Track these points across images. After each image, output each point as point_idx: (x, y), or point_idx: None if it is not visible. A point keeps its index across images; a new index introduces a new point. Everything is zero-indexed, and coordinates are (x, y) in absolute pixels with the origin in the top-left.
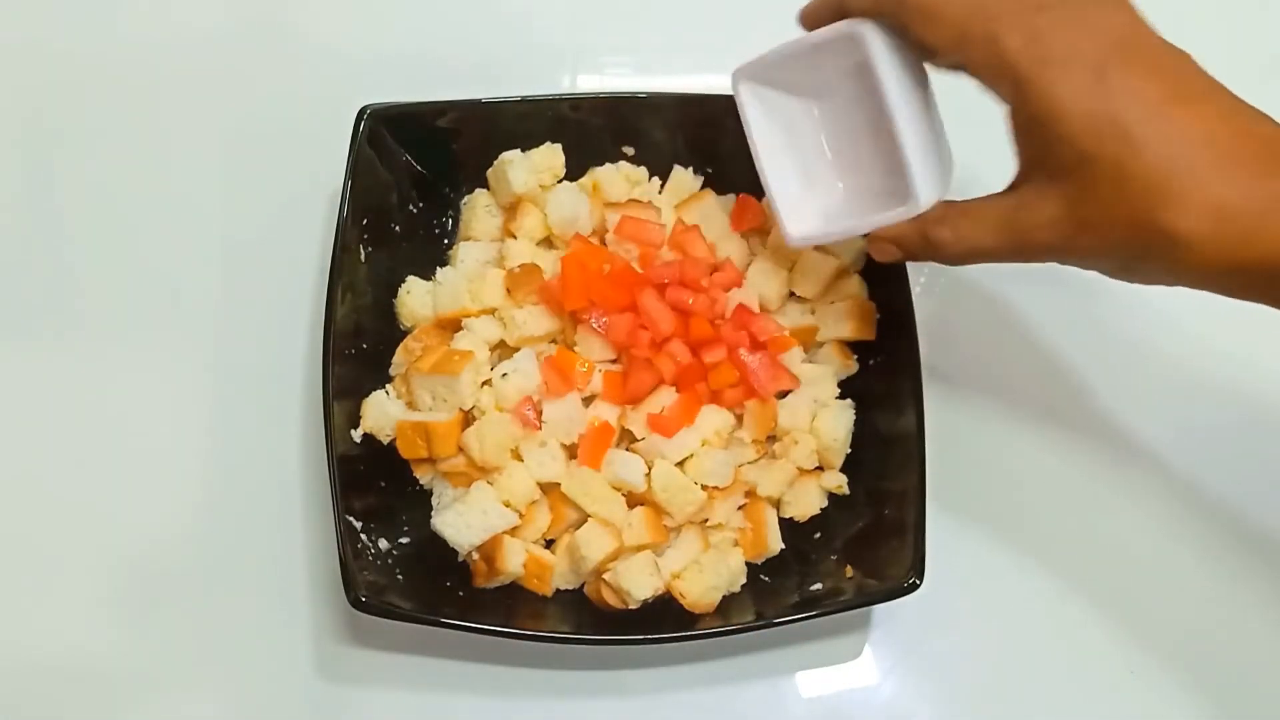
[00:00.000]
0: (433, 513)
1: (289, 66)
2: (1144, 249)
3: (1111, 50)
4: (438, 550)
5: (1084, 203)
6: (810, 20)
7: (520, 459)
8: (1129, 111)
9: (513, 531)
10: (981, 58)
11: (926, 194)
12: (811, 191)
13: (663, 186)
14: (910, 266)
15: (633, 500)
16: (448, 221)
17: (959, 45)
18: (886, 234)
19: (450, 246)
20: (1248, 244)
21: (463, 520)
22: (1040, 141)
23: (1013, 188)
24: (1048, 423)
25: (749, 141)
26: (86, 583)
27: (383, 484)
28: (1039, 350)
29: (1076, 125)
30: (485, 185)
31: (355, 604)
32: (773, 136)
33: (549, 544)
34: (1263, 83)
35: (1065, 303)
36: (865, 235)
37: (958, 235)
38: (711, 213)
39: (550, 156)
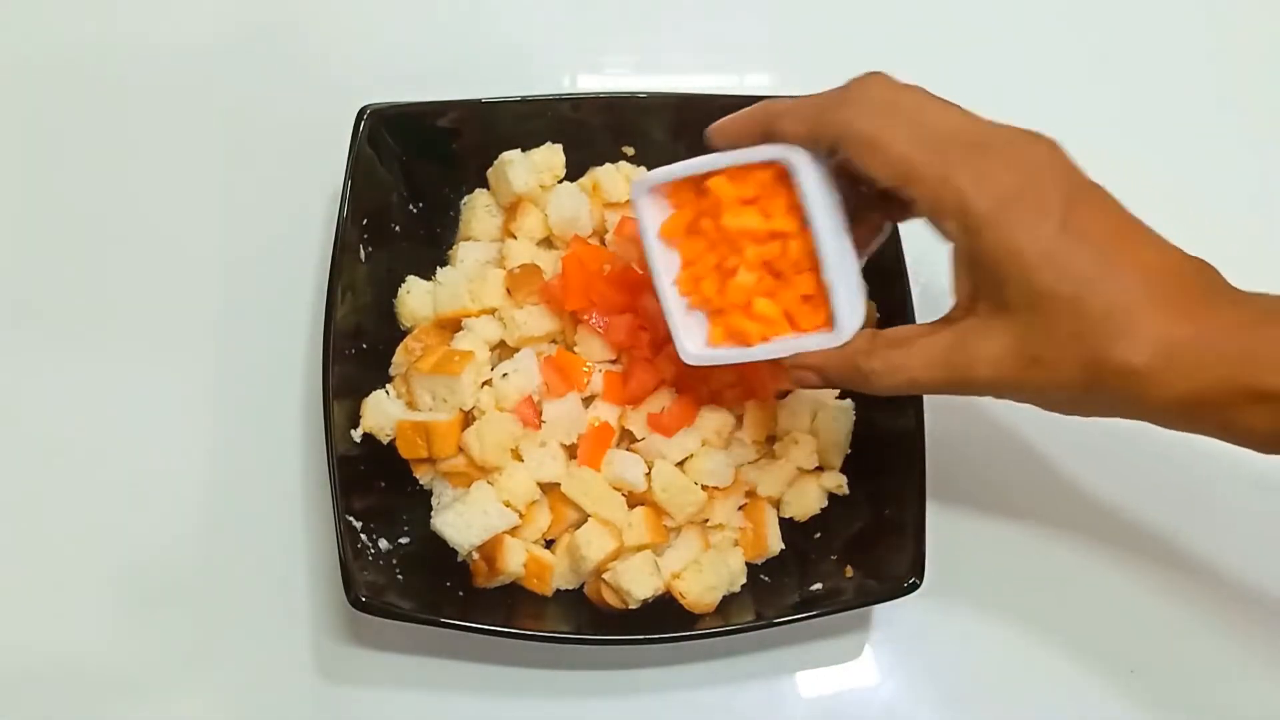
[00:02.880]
0: (433, 513)
1: (289, 66)
2: (1096, 383)
3: (1061, 192)
4: (438, 550)
5: (1036, 339)
6: (724, 139)
7: (520, 459)
8: (1083, 251)
9: (513, 531)
10: (931, 194)
11: (852, 324)
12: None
13: None
14: (910, 265)
15: (633, 500)
16: (448, 222)
17: (905, 180)
18: (808, 361)
19: (450, 246)
20: (1193, 376)
21: (463, 520)
22: (990, 278)
23: (949, 321)
24: (1048, 422)
25: (646, 253)
26: (87, 582)
27: (383, 484)
28: None
29: (1032, 264)
30: (485, 185)
31: (355, 604)
32: (671, 250)
33: (549, 544)
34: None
35: None
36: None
37: (890, 367)
38: None
39: (550, 156)
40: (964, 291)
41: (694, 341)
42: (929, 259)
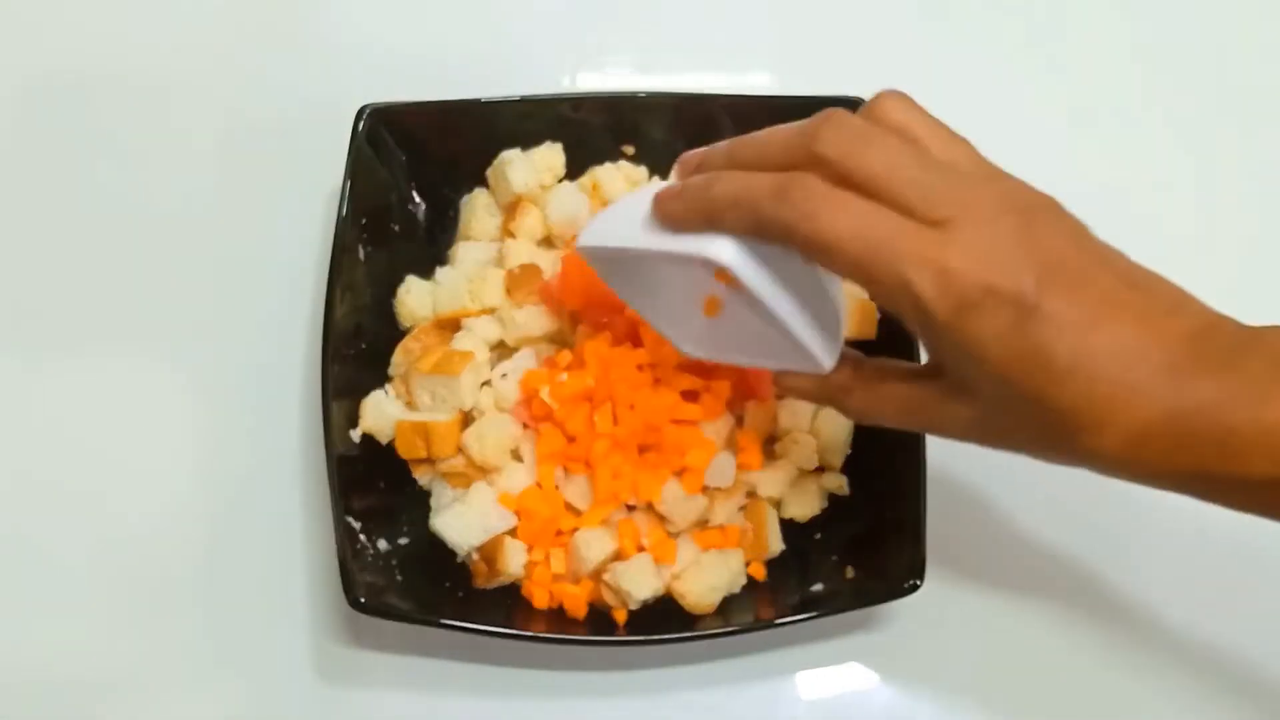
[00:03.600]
0: (432, 513)
1: (289, 66)
2: (1064, 460)
3: (1034, 273)
4: (437, 551)
5: (1002, 422)
6: (666, 219)
7: (520, 459)
8: (1052, 344)
9: (513, 532)
10: (888, 297)
11: (828, 362)
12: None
13: None
14: None
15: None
16: (447, 221)
17: (862, 282)
18: (791, 384)
19: (450, 246)
20: (1165, 460)
21: (462, 521)
22: (955, 368)
23: (925, 373)
24: None
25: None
26: (85, 583)
27: (382, 484)
28: None
29: (996, 362)
30: (485, 185)
31: (355, 604)
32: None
33: None
34: None
35: None
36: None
37: (866, 407)
38: None
39: (550, 156)
40: (934, 361)
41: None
42: None
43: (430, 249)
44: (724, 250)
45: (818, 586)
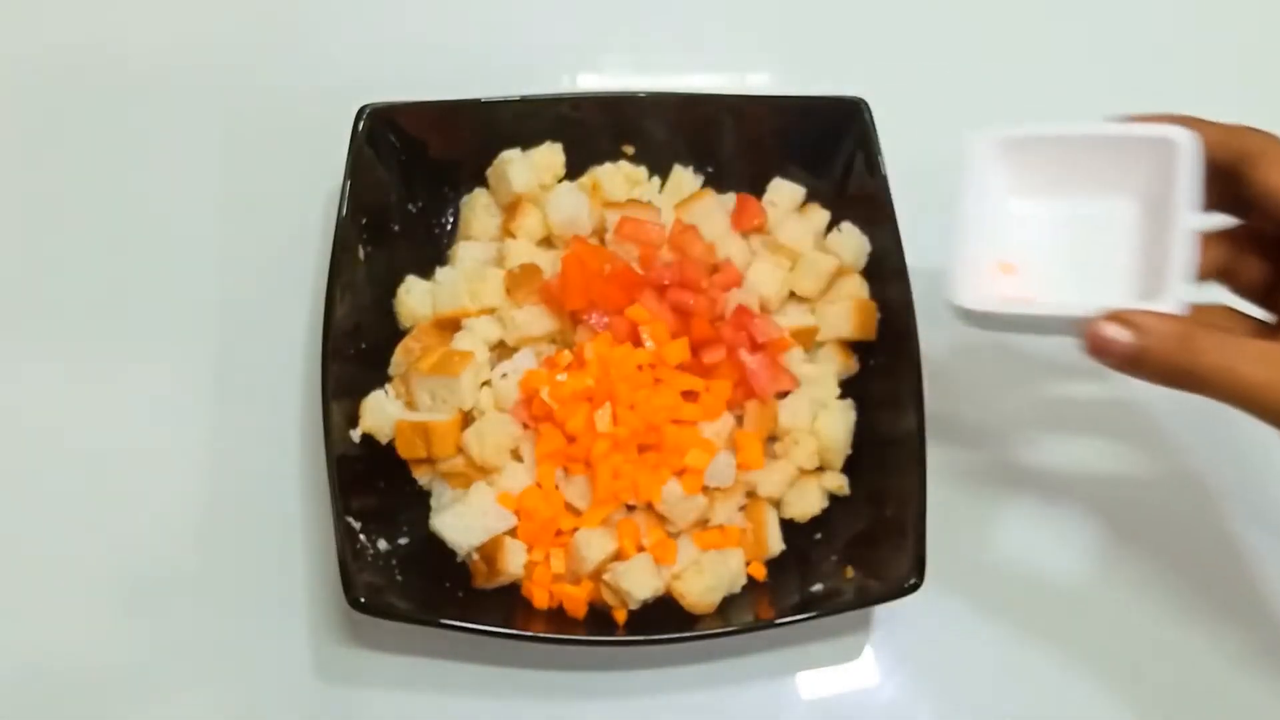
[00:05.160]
0: (431, 513)
1: (289, 66)
2: None
3: None
4: (437, 551)
5: None
6: (1130, 116)
7: (520, 459)
8: None
9: (513, 532)
10: None
11: (1182, 295)
12: (1000, 275)
13: (663, 186)
14: (910, 267)
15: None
16: (447, 221)
17: None
18: (1134, 319)
19: (450, 246)
20: None
21: (462, 521)
22: None
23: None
24: (1049, 421)
25: (962, 198)
26: (86, 583)
27: (382, 484)
28: (1040, 348)
29: None
30: (485, 185)
31: (354, 605)
32: (987, 205)
33: None
34: None
35: None
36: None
37: (1219, 349)
38: (711, 212)
39: (550, 156)
40: None
41: (972, 293)
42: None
43: (430, 249)
44: (1182, 133)
45: (818, 586)
